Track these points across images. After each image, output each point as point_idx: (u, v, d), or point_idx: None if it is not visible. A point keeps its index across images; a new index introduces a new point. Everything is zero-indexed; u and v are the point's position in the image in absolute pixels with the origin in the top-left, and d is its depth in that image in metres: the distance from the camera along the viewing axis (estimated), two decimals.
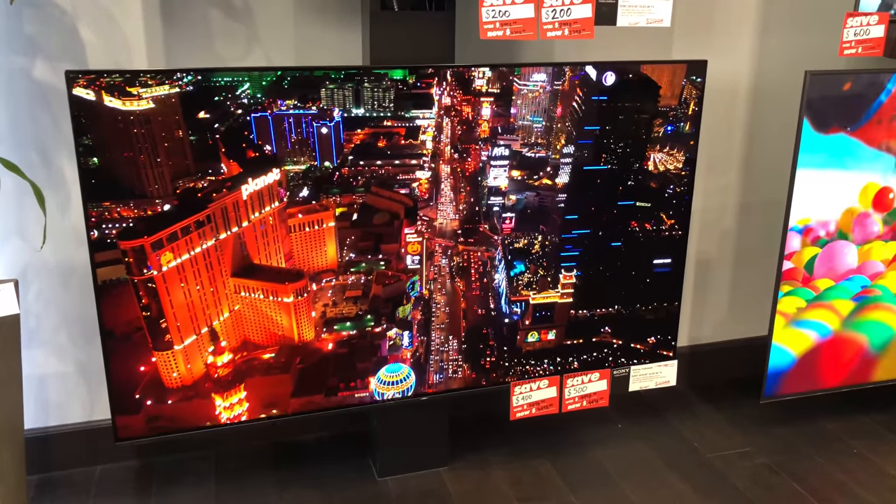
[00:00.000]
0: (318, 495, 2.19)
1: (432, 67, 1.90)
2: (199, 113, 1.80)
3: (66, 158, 2.02)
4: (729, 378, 2.76)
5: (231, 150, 1.86)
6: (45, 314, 2.15)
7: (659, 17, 1.84)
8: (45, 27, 1.94)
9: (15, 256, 2.07)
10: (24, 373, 2.02)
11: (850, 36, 2.05)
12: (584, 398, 2.24)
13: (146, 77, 1.72)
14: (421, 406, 2.19)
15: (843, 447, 2.45)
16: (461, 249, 2.11)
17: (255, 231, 1.94)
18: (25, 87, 1.97)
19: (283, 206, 1.93)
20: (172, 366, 1.95)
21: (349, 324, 2.08)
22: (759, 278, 2.64)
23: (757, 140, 2.62)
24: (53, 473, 2.24)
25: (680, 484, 2.26)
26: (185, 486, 2.21)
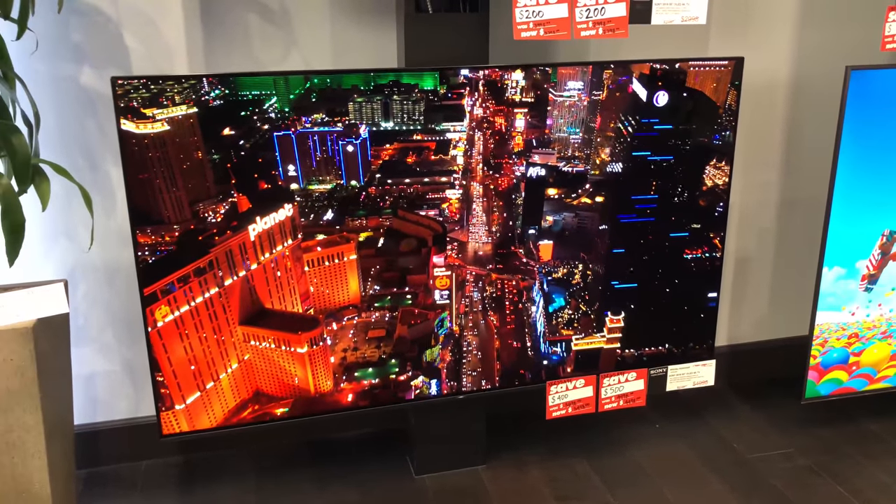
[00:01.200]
0: (355, 492, 2.21)
1: (467, 68, 1.91)
2: (224, 130, 1.75)
3: (112, 162, 2.08)
4: (769, 378, 2.73)
5: (242, 181, 1.75)
6: (92, 313, 2.22)
7: (694, 15, 1.83)
8: (91, 35, 2.00)
9: (64, 257, 2.14)
10: (73, 370, 2.09)
11: (892, 30, 2.01)
12: (620, 398, 2.23)
13: (174, 91, 1.73)
14: (458, 405, 2.21)
15: (886, 448, 2.40)
16: (494, 278, 2.00)
17: (265, 273, 1.82)
18: (73, 93, 2.03)
19: (297, 244, 1.81)
20: (174, 425, 1.86)
21: (371, 370, 1.96)
22: (799, 277, 2.61)
23: (797, 136, 2.58)
24: (101, 468, 2.30)
25: (719, 484, 2.24)
26: (227, 482, 2.26)
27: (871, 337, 2.38)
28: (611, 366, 2.16)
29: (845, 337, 2.35)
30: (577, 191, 2.00)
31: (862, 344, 2.37)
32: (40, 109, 1.80)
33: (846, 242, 2.25)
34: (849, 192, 2.19)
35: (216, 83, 1.76)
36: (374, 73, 1.87)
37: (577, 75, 1.97)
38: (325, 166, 1.83)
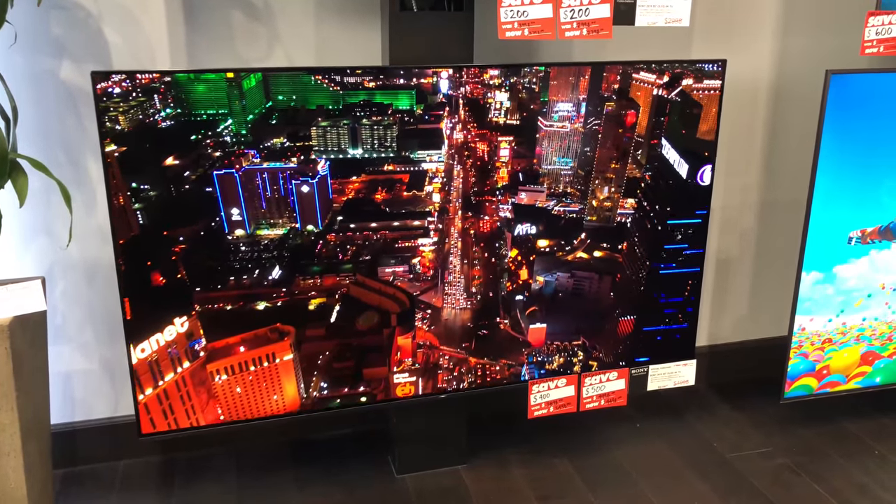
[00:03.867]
0: (337, 492, 2.20)
1: (452, 69, 1.90)
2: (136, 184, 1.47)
3: (92, 158, 2.06)
4: (749, 377, 2.75)
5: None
6: (71, 311, 2.19)
7: (678, 17, 1.84)
8: (72, 29, 1.98)
9: (42, 254, 2.11)
10: (51, 369, 2.06)
11: (871, 35, 2.03)
12: (602, 397, 2.24)
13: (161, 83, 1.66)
14: (440, 405, 2.20)
15: (864, 448, 2.43)
16: (474, 364, 1.75)
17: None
18: (52, 88, 2.01)
19: (201, 363, 1.52)
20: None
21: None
22: (779, 278, 2.63)
23: (778, 139, 2.60)
24: (79, 468, 2.27)
25: (699, 483, 2.26)
26: (207, 481, 2.24)
27: (845, 341, 2.40)
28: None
29: (819, 342, 2.38)
30: (571, 241, 1.74)
31: (833, 347, 2.39)
32: (19, 103, 1.78)
33: (824, 246, 2.28)
34: (828, 194, 2.21)
35: (171, 101, 1.57)
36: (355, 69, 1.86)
37: (569, 103, 1.75)
38: (276, 208, 1.58)
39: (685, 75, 1.93)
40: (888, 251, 2.32)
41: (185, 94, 1.59)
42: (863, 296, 2.36)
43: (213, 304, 1.64)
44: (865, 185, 2.25)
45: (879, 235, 2.29)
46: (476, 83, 1.73)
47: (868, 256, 2.32)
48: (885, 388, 2.48)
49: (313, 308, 1.61)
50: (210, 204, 1.57)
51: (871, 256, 2.32)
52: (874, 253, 2.32)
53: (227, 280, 1.62)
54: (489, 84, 1.75)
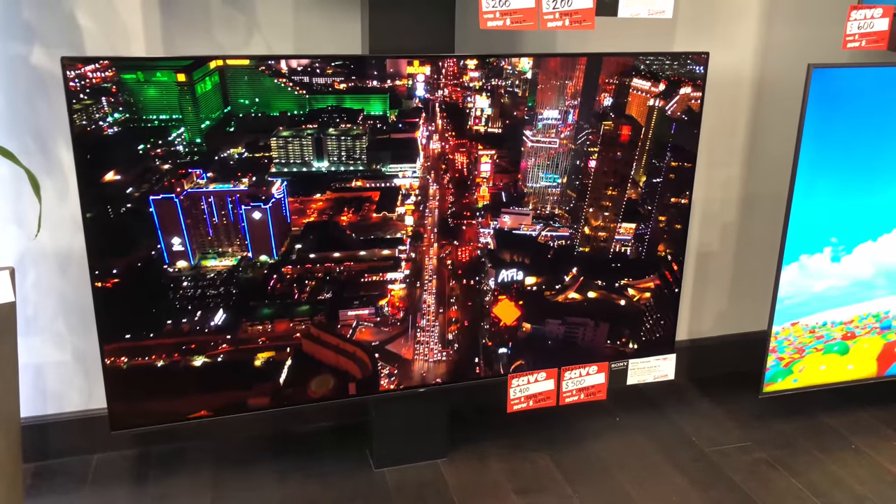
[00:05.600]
0: (314, 485, 2.18)
1: (432, 57, 1.88)
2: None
3: (64, 146, 2.01)
4: (729, 372, 2.75)
5: None
6: (43, 302, 2.15)
7: (661, 8, 1.82)
8: (43, 13, 1.93)
9: (11, 244, 2.06)
10: (22, 361, 2.02)
11: (853, 29, 2.03)
12: (581, 391, 2.23)
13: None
14: (419, 398, 2.19)
15: (841, 442, 2.44)
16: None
17: None
18: (23, 74, 1.96)
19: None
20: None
21: None
22: (760, 272, 2.63)
23: (760, 133, 2.60)
24: (50, 462, 2.24)
25: (678, 477, 2.26)
26: (183, 475, 2.21)
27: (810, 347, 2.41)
28: None
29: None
30: (560, 277, 1.49)
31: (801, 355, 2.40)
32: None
33: (804, 241, 2.28)
34: (809, 189, 2.21)
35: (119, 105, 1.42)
36: (337, 59, 1.83)
37: (554, 105, 1.54)
38: (225, 235, 1.37)
39: (682, 83, 1.81)
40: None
41: (135, 97, 1.42)
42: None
43: (141, 358, 1.44)
44: (848, 179, 2.25)
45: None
46: (455, 86, 1.57)
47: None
48: (861, 383, 2.49)
49: (260, 364, 1.39)
50: (148, 231, 1.38)
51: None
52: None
53: (163, 324, 1.41)
54: (469, 87, 1.59)
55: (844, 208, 2.27)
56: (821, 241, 2.30)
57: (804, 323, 2.37)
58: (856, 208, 2.28)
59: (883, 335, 2.44)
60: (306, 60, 1.62)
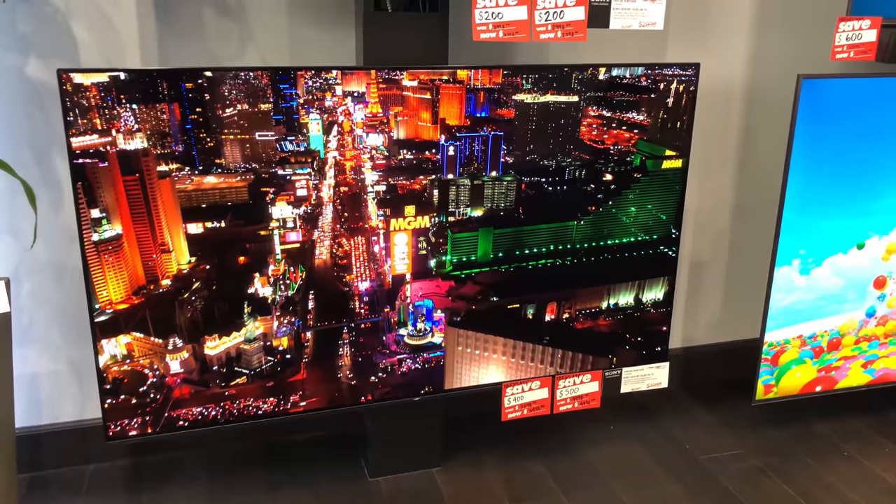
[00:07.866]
0: (309, 495, 2.19)
1: (426, 68, 1.90)
2: None
3: (59, 157, 2.02)
4: (722, 380, 2.76)
5: None
6: (38, 312, 2.15)
7: (652, 20, 1.84)
8: (39, 25, 1.94)
9: (7, 255, 2.07)
10: (17, 371, 2.02)
11: (842, 40, 2.05)
12: (575, 399, 2.24)
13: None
14: (414, 407, 2.19)
15: (833, 449, 2.45)
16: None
17: None
18: (18, 86, 1.97)
19: None
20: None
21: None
22: (753, 280, 2.65)
23: (751, 141, 2.62)
24: (45, 472, 2.23)
25: (671, 485, 2.27)
26: (177, 485, 2.21)
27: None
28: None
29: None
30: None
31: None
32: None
33: (797, 249, 2.30)
34: (800, 197, 2.23)
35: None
36: (329, 69, 1.85)
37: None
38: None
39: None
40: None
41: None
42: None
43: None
44: (837, 187, 2.27)
45: None
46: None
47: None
48: (853, 390, 2.51)
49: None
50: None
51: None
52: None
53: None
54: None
55: (835, 215, 2.29)
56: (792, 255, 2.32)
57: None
58: (846, 215, 2.30)
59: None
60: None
